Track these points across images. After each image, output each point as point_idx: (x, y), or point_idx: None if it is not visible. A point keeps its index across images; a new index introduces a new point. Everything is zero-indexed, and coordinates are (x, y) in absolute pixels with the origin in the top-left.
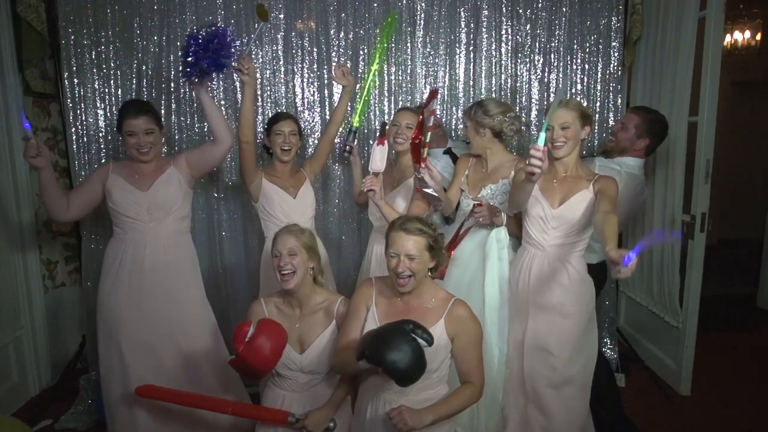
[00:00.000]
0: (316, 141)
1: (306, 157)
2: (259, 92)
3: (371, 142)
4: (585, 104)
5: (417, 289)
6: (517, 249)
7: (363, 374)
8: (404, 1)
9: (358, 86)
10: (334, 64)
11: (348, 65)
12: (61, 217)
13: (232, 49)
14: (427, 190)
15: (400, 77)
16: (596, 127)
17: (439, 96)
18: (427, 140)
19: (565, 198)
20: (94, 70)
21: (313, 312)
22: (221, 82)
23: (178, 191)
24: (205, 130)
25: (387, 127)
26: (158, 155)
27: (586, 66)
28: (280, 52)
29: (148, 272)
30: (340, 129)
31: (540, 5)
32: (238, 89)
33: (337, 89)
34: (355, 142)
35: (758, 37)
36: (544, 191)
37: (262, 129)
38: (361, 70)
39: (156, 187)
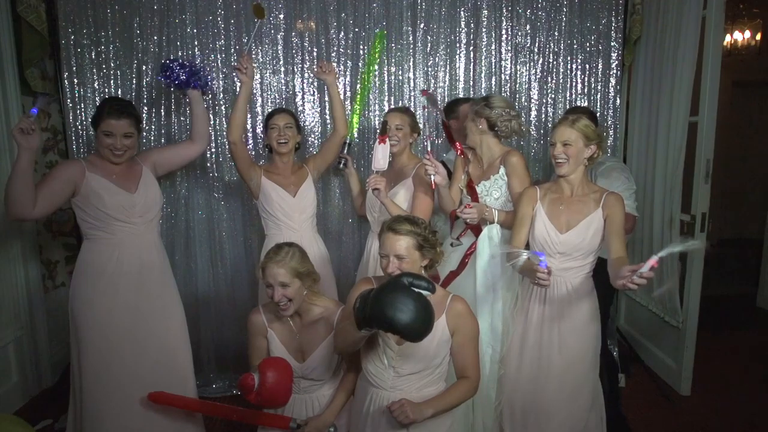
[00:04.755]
0: (316, 141)
1: (308, 155)
2: (259, 92)
3: (371, 143)
4: (586, 104)
5: None
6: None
7: (363, 348)
8: (404, 1)
9: (347, 102)
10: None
11: (348, 65)
12: (26, 213)
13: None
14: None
15: (401, 77)
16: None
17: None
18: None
19: (572, 223)
20: (94, 70)
21: (312, 322)
22: (221, 82)
23: (160, 191)
24: None
25: (388, 126)
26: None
27: (586, 66)
28: (280, 52)
29: (143, 276)
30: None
31: (540, 5)
32: (238, 89)
33: None
34: (346, 152)
35: (758, 37)
36: (551, 216)
37: (260, 129)
38: (361, 70)
39: (144, 188)
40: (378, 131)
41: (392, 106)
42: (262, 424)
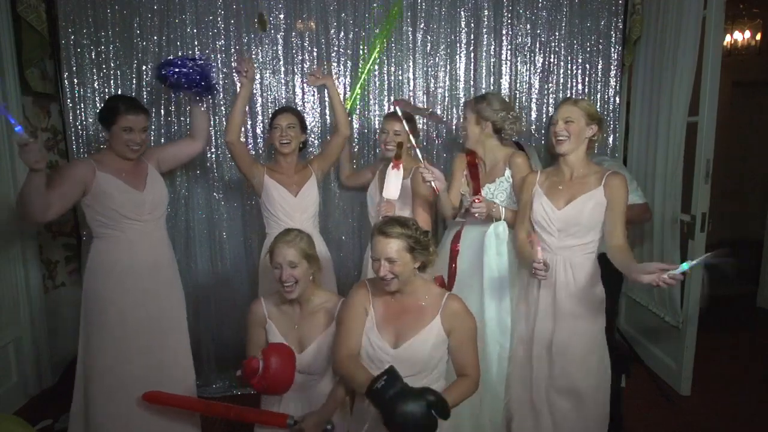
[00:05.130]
0: (316, 141)
1: (308, 154)
2: (259, 92)
3: (371, 143)
4: None
5: (409, 287)
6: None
7: (362, 351)
8: (404, 1)
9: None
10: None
11: (348, 65)
12: (42, 217)
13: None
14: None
15: (400, 77)
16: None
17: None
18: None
19: (570, 199)
20: (94, 70)
21: (313, 312)
22: (221, 82)
23: (166, 188)
24: None
25: (386, 131)
26: None
27: (586, 66)
28: (280, 52)
29: (153, 273)
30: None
31: (540, 5)
32: (238, 89)
33: None
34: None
35: (758, 37)
36: (549, 194)
37: (260, 129)
38: (360, 70)
39: (152, 185)
40: (393, 155)
41: (391, 107)
42: (258, 422)
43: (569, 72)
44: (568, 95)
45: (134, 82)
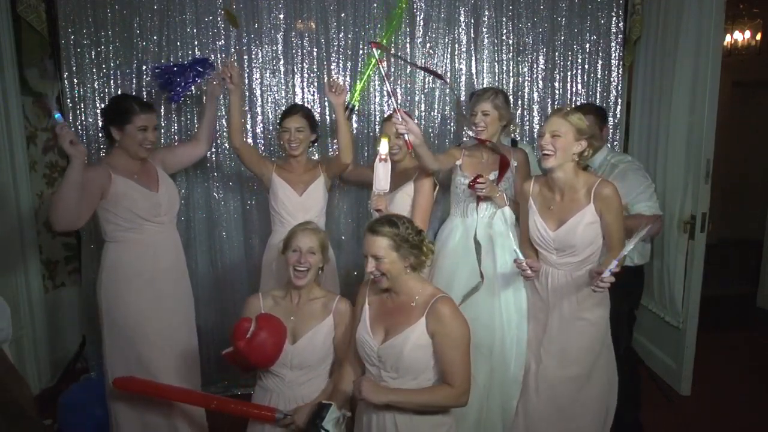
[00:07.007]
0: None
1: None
2: (259, 92)
3: (371, 145)
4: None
5: (402, 286)
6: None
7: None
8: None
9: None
10: (328, 78)
11: (348, 65)
12: (73, 225)
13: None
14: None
15: (399, 77)
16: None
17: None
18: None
19: (562, 220)
20: (94, 70)
21: (310, 305)
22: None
23: (176, 188)
24: None
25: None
26: None
27: (586, 66)
28: (280, 52)
29: (171, 275)
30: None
31: (540, 5)
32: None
33: None
34: (348, 116)
35: (758, 37)
36: (542, 213)
37: (260, 129)
38: (361, 70)
39: (165, 186)
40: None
41: (390, 107)
42: (243, 414)
43: (569, 72)
44: (569, 95)
45: (134, 82)
